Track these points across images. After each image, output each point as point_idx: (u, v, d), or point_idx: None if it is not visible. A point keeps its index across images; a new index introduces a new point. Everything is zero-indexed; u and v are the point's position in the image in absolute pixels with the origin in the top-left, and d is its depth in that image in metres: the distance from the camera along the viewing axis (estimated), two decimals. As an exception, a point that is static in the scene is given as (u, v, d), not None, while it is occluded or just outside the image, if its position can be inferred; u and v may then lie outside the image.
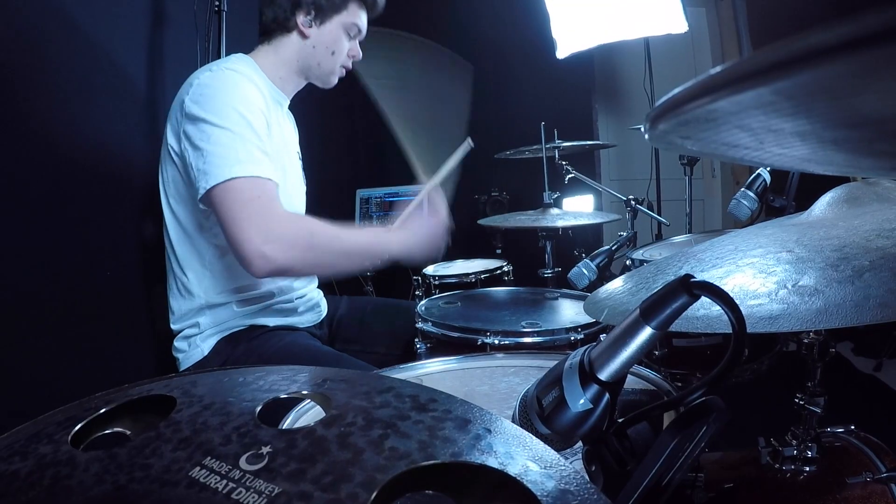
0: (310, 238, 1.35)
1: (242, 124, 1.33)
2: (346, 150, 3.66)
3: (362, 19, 1.59)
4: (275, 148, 1.47)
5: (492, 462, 0.31)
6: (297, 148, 1.74)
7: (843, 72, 0.20)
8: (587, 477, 0.54)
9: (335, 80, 1.64)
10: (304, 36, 1.54)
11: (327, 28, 1.54)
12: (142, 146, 1.75)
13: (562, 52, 2.73)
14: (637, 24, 2.58)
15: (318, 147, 3.15)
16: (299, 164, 1.72)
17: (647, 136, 0.35)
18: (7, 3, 1.37)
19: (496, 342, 1.33)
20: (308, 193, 1.77)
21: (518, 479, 0.30)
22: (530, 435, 0.34)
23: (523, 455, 0.32)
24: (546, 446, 0.33)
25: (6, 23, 1.37)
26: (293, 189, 1.64)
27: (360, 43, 1.63)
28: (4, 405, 1.31)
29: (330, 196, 3.16)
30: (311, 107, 1.70)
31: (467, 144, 1.81)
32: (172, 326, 1.53)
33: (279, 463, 0.31)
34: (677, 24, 2.53)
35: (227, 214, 1.29)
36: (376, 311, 1.83)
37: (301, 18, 1.52)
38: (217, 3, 1.94)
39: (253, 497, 0.29)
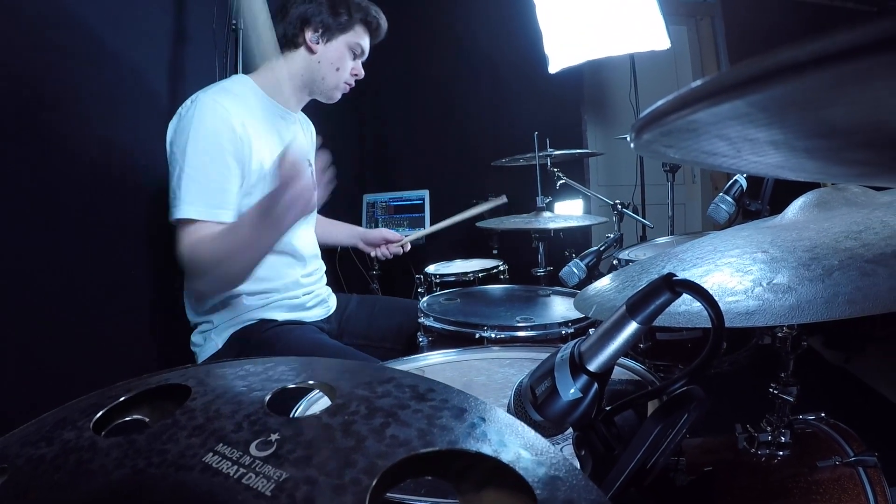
0: (211, 258, 1.33)
1: (195, 165, 1.35)
2: (354, 157, 3.67)
3: (366, 41, 1.60)
4: (264, 163, 1.46)
5: (486, 449, 0.31)
6: (309, 156, 1.73)
7: (813, 86, 0.20)
8: (577, 461, 0.54)
9: (338, 96, 1.64)
10: (311, 51, 1.54)
11: (333, 45, 1.55)
12: (162, 155, 1.75)
13: (553, 67, 2.73)
14: (623, 42, 2.58)
15: (329, 154, 3.15)
16: (309, 170, 1.71)
17: (632, 145, 0.35)
18: (39, 23, 1.37)
19: (493, 336, 1.32)
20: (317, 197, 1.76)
21: (511, 465, 0.30)
22: (522, 423, 0.34)
23: (515, 443, 0.32)
24: (537, 434, 0.33)
25: (38, 41, 1.37)
26: None
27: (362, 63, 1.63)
28: (33, 393, 1.31)
29: (339, 200, 3.15)
30: (321, 116, 1.70)
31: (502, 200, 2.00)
32: (189, 318, 1.55)
33: (287, 449, 0.30)
34: (660, 41, 2.53)
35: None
36: (383, 309, 1.82)
37: (309, 35, 1.53)
38: (234, 22, 1.94)
39: (262, 482, 0.28)
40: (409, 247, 2.01)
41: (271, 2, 1.46)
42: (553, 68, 2.72)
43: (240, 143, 1.41)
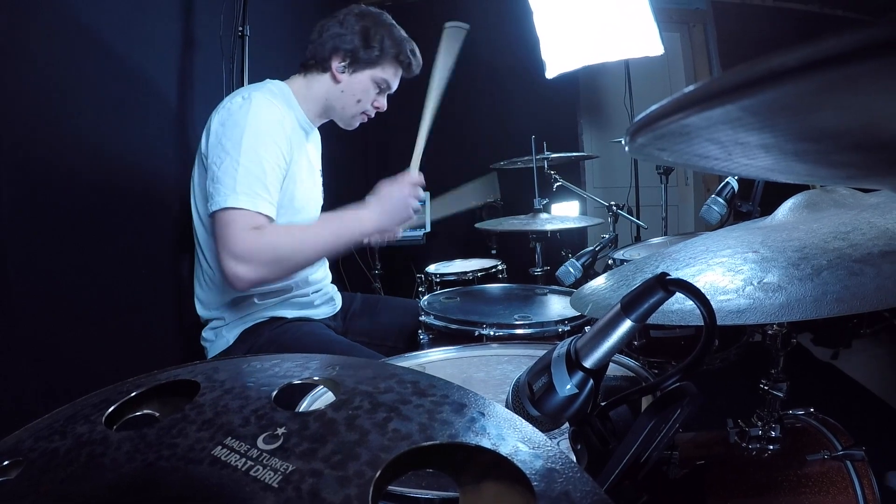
0: (273, 253, 1.33)
1: (251, 158, 1.32)
2: (359, 160, 3.67)
3: (394, 78, 1.56)
4: (294, 170, 1.47)
5: (485, 443, 0.31)
6: (319, 166, 1.74)
7: (803, 91, 0.20)
8: (573, 454, 0.54)
9: (356, 124, 1.61)
10: (335, 80, 1.51)
11: (358, 77, 1.52)
12: (172, 157, 1.75)
13: (550, 73, 2.73)
14: (618, 48, 2.58)
15: (335, 161, 3.15)
16: (320, 179, 1.72)
17: (627, 149, 0.35)
18: (50, 30, 1.37)
19: (491, 333, 1.32)
20: (326, 203, 1.77)
21: (509, 458, 0.30)
22: (520, 418, 0.34)
23: (513, 436, 0.32)
24: (534, 428, 0.33)
25: (49, 48, 1.37)
26: (312, 201, 1.64)
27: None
28: (46, 389, 1.31)
29: (343, 203, 3.16)
30: (329, 125, 1.70)
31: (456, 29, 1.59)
32: (199, 314, 1.53)
33: (293, 443, 0.30)
34: (654, 47, 2.53)
35: (216, 239, 1.32)
36: (386, 308, 1.83)
37: (336, 63, 1.50)
38: (241, 29, 1.94)
39: (269, 474, 0.29)
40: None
41: (311, 20, 1.43)
42: (550, 74, 2.72)
43: (288, 146, 1.42)
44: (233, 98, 1.40)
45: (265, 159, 1.34)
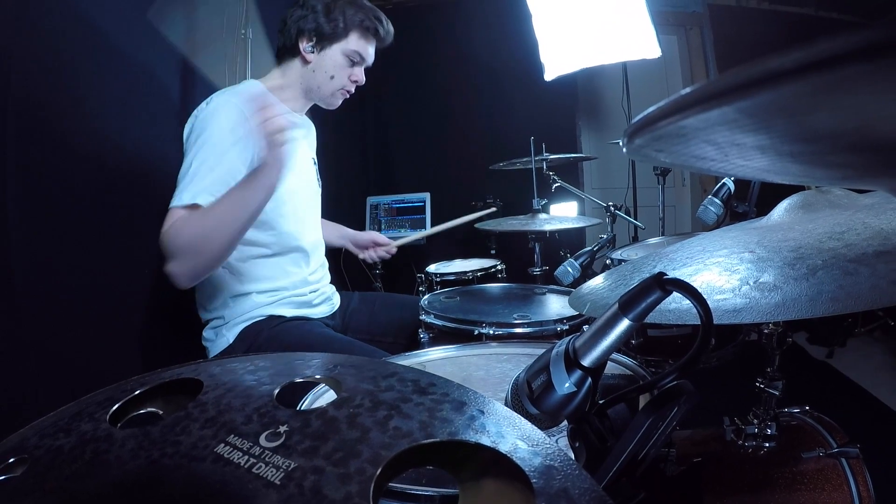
0: (179, 239, 1.24)
1: (202, 159, 1.31)
2: (358, 161, 3.67)
3: (366, 48, 1.54)
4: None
5: (485, 440, 0.31)
6: (312, 155, 1.73)
7: (798, 92, 0.20)
8: (572, 452, 0.54)
9: (337, 103, 1.60)
10: (305, 61, 1.52)
11: (328, 54, 1.51)
12: (174, 158, 1.74)
13: (549, 75, 2.73)
14: (616, 50, 2.58)
15: (334, 159, 3.16)
16: (314, 169, 1.71)
17: (624, 150, 0.35)
18: (56, 32, 1.37)
19: (491, 332, 1.32)
20: (325, 200, 1.76)
21: (508, 456, 0.30)
22: (519, 416, 0.34)
23: (513, 434, 0.32)
24: (533, 426, 0.33)
25: (56, 49, 1.38)
26: (306, 193, 1.63)
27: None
28: (51, 387, 1.31)
29: (344, 203, 3.16)
30: (327, 122, 1.70)
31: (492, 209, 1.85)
32: (200, 315, 1.53)
33: (295, 440, 0.30)
34: (651, 50, 2.53)
35: None
36: (384, 305, 1.82)
37: (303, 45, 1.50)
38: (243, 31, 1.95)
39: (271, 471, 0.29)
40: (394, 251, 1.99)
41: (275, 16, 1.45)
42: (549, 76, 2.72)
43: (251, 142, 1.40)
44: (204, 105, 1.41)
45: (220, 159, 1.32)
